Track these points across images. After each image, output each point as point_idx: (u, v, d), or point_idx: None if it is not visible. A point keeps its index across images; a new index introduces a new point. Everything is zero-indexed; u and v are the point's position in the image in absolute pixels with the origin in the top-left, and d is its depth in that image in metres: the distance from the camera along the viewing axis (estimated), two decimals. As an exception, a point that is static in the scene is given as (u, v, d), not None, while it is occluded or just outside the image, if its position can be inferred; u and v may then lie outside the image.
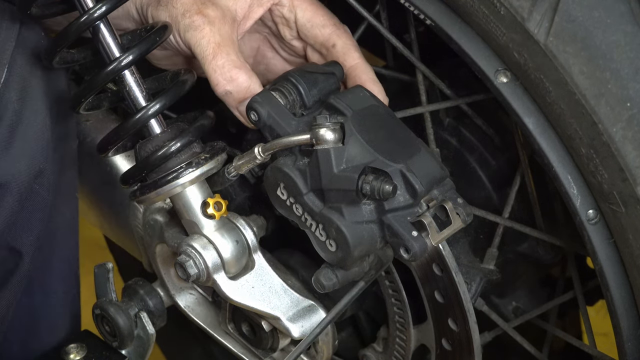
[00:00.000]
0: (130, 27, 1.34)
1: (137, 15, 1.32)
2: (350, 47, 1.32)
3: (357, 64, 1.32)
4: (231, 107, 1.27)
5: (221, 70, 1.23)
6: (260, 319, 1.33)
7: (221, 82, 1.24)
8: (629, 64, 1.10)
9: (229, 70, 1.24)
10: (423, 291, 1.27)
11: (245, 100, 1.24)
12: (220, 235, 1.27)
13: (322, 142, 1.17)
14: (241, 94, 1.24)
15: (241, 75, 1.24)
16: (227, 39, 1.25)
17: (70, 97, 1.29)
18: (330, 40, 1.32)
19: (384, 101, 1.31)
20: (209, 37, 1.24)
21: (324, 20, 1.32)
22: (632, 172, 1.11)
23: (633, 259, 1.17)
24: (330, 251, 1.20)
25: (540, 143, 1.17)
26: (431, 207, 1.20)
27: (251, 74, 1.25)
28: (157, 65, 1.38)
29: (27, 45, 1.35)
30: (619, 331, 1.23)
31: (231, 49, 1.25)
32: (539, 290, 1.54)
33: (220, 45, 1.24)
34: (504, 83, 1.18)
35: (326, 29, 1.32)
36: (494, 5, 1.13)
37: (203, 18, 1.24)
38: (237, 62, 1.24)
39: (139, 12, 1.31)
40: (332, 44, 1.32)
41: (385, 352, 1.40)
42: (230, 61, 1.24)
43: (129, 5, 1.31)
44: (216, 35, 1.24)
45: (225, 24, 1.26)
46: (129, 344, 1.40)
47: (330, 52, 1.32)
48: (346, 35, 1.33)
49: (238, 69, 1.24)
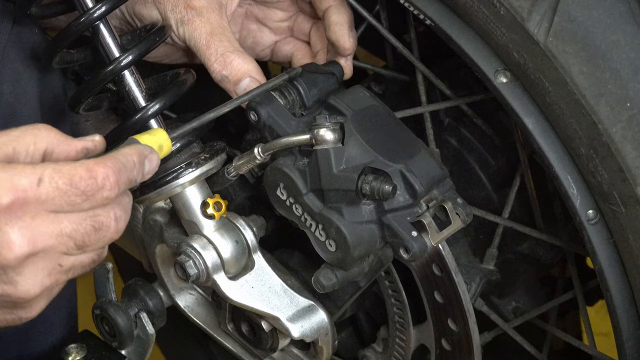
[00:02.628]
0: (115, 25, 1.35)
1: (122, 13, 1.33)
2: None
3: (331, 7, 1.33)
4: (229, 91, 1.29)
5: (215, 57, 1.27)
6: (260, 319, 1.33)
7: (217, 68, 1.28)
8: (629, 64, 1.10)
9: (223, 55, 1.27)
10: (423, 291, 1.27)
11: (241, 82, 1.27)
12: (220, 235, 1.27)
13: (322, 142, 1.17)
14: (237, 76, 1.27)
15: (235, 59, 1.27)
16: (217, 27, 1.29)
17: (69, 97, 1.29)
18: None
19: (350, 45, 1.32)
20: (200, 28, 1.28)
21: None
22: (632, 172, 1.11)
23: (633, 259, 1.17)
24: (330, 251, 1.20)
25: (540, 143, 1.17)
26: (431, 207, 1.20)
27: (245, 57, 1.28)
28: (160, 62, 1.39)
29: (21, 40, 1.35)
30: (619, 331, 1.23)
31: (223, 35, 1.28)
32: (539, 290, 1.54)
33: (212, 34, 1.28)
34: (504, 83, 1.18)
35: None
36: (494, 6, 1.13)
37: (192, 11, 1.28)
38: (229, 47, 1.28)
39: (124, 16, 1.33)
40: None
41: (385, 352, 1.40)
42: (223, 47, 1.28)
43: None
44: (207, 25, 1.28)
45: (213, 11, 1.29)
46: (128, 344, 1.40)
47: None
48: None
49: (231, 53, 1.28)
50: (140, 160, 1.08)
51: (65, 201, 1.00)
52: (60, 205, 1.00)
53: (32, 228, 0.99)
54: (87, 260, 1.05)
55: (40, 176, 0.98)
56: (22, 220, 0.98)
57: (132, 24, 1.34)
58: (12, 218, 0.97)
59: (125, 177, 1.04)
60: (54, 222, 1.00)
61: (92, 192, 1.01)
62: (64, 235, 1.01)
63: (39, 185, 0.98)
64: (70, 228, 1.01)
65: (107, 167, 1.02)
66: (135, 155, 1.08)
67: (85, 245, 1.03)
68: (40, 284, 1.02)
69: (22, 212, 0.98)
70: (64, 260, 1.03)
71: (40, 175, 0.98)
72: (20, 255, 0.98)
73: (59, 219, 1.00)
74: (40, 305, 1.05)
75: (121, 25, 1.36)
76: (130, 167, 1.06)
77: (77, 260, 1.04)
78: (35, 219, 0.99)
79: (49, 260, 1.01)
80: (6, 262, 0.98)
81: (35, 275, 1.01)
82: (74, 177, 1.00)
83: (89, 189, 1.00)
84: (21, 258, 0.99)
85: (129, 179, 1.05)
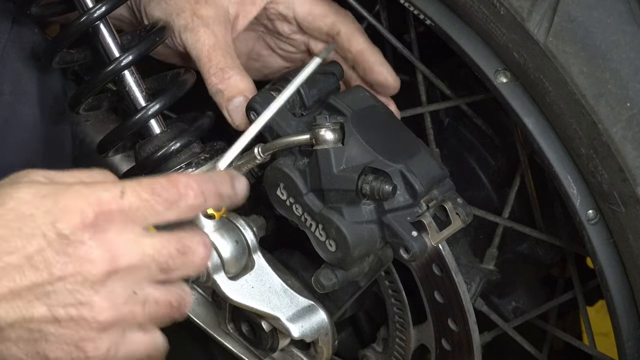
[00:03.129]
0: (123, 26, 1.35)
1: (130, 12, 1.33)
2: (354, 32, 1.32)
3: (363, 48, 1.32)
4: (220, 106, 1.28)
5: (215, 70, 1.26)
6: (260, 319, 1.33)
7: (214, 81, 1.27)
8: (629, 64, 1.10)
9: (222, 70, 1.26)
10: (423, 291, 1.27)
11: (234, 99, 1.26)
12: (220, 235, 1.27)
13: (322, 142, 1.17)
14: (231, 93, 1.26)
15: (233, 75, 1.26)
16: (221, 40, 1.27)
17: (69, 97, 1.29)
18: (334, 28, 1.32)
19: (395, 83, 1.32)
20: (204, 39, 1.27)
21: (324, 9, 1.32)
22: (632, 172, 1.11)
23: (633, 259, 1.17)
24: (330, 251, 1.20)
25: (540, 143, 1.17)
26: (431, 207, 1.20)
27: (243, 75, 1.27)
28: (164, 60, 1.39)
29: (21, 39, 1.35)
30: (619, 331, 1.23)
31: (225, 50, 1.27)
32: (539, 290, 1.54)
33: (215, 47, 1.27)
34: (504, 83, 1.18)
35: (328, 18, 1.32)
36: (494, 6, 1.13)
37: (198, 20, 1.27)
38: (230, 63, 1.27)
39: (133, 8, 1.32)
40: (336, 32, 1.32)
41: (385, 352, 1.40)
42: (224, 62, 1.26)
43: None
44: (211, 37, 1.27)
45: (219, 24, 1.28)
46: (128, 344, 1.40)
47: (335, 41, 1.32)
48: (349, 20, 1.33)
49: (230, 69, 1.26)
50: (229, 177, 1.05)
51: (149, 211, 0.98)
52: (144, 216, 0.98)
53: (116, 243, 0.96)
54: (163, 298, 1.01)
55: (122, 189, 0.97)
56: (107, 234, 0.96)
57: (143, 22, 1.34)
58: (97, 232, 0.95)
59: (212, 188, 1.02)
60: (139, 241, 0.98)
61: (175, 199, 0.99)
62: (147, 255, 0.98)
63: (122, 197, 0.97)
64: (154, 249, 0.99)
65: (188, 176, 1.01)
66: (222, 172, 1.07)
67: (169, 269, 1.00)
68: (116, 308, 0.97)
69: (107, 226, 0.96)
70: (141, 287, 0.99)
71: (122, 189, 0.97)
72: (104, 271, 0.95)
73: (144, 239, 0.98)
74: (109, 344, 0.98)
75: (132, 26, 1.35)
76: (217, 181, 1.03)
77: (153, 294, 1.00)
78: (121, 235, 0.97)
79: (128, 283, 0.98)
80: (90, 276, 0.95)
81: (113, 297, 0.97)
82: (155, 185, 0.98)
83: (172, 197, 0.99)
84: (104, 274, 0.96)
85: (217, 191, 1.03)
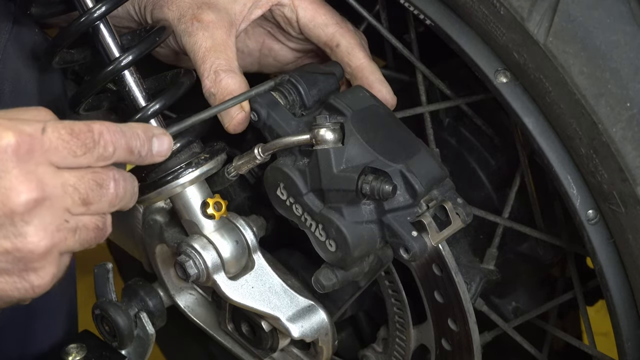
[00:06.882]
0: (131, 27, 1.35)
1: (136, 16, 1.33)
2: (354, 47, 1.31)
3: (362, 65, 1.30)
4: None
5: (208, 73, 1.25)
6: (260, 319, 1.33)
7: (207, 84, 1.26)
8: (629, 64, 1.10)
9: (215, 72, 1.25)
10: (423, 291, 1.27)
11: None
12: (220, 235, 1.27)
13: (322, 142, 1.17)
14: (222, 95, 1.25)
15: (225, 78, 1.25)
16: (219, 44, 1.26)
17: (69, 97, 1.29)
18: (333, 39, 1.31)
19: (393, 101, 1.31)
20: (201, 42, 1.26)
21: (326, 19, 1.31)
22: (632, 172, 1.11)
23: (633, 259, 1.17)
24: (330, 251, 1.20)
25: (540, 143, 1.17)
26: (431, 207, 1.20)
27: (237, 77, 1.26)
28: (164, 61, 1.39)
29: (21, 40, 1.35)
30: (619, 331, 1.23)
31: (222, 52, 1.26)
32: (539, 290, 1.54)
33: (211, 50, 1.26)
34: (504, 83, 1.18)
35: (329, 29, 1.31)
36: (494, 6, 1.13)
37: (197, 24, 1.27)
38: (224, 65, 1.26)
39: (138, 13, 1.32)
40: (335, 44, 1.31)
41: (385, 352, 1.40)
42: (217, 64, 1.25)
43: (127, 6, 1.32)
44: (208, 40, 1.26)
45: (219, 28, 1.27)
46: (128, 344, 1.40)
47: (334, 52, 1.31)
48: (350, 34, 1.31)
49: (223, 72, 1.25)
50: (145, 135, 1.09)
51: (68, 152, 1.01)
52: (63, 156, 1.01)
53: (39, 173, 0.99)
54: (91, 225, 1.05)
55: (44, 126, 1.00)
56: (28, 165, 0.98)
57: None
58: (19, 162, 0.98)
59: (124, 142, 1.05)
60: (58, 173, 1.01)
61: (91, 145, 1.02)
62: (68, 185, 1.01)
63: (43, 133, 1.00)
64: (73, 180, 1.02)
65: (104, 124, 1.04)
66: (140, 128, 1.09)
67: (89, 202, 1.03)
68: (50, 236, 1.01)
69: (28, 157, 0.98)
70: (69, 217, 1.03)
71: (44, 125, 1.00)
72: (29, 200, 0.98)
73: (62, 171, 1.01)
74: (51, 270, 1.03)
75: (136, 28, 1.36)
76: (131, 136, 1.07)
77: (82, 221, 1.04)
78: (40, 167, 0.99)
79: (55, 212, 1.01)
80: (15, 207, 0.98)
81: (44, 226, 1.00)
82: (74, 127, 1.01)
83: (88, 142, 1.02)
84: (30, 203, 0.98)
85: (127, 146, 1.06)
